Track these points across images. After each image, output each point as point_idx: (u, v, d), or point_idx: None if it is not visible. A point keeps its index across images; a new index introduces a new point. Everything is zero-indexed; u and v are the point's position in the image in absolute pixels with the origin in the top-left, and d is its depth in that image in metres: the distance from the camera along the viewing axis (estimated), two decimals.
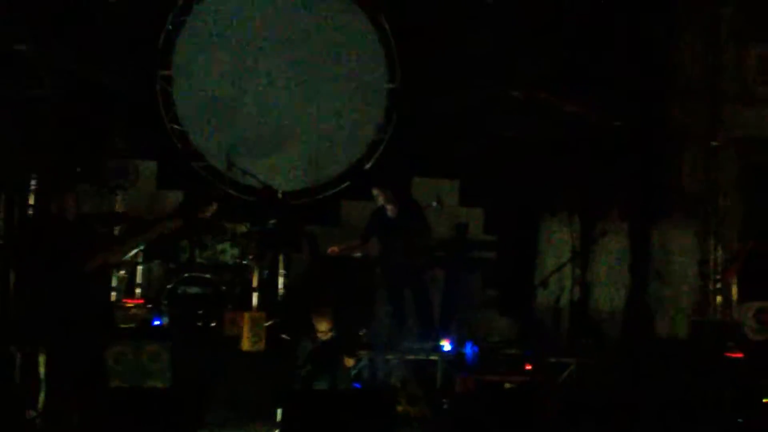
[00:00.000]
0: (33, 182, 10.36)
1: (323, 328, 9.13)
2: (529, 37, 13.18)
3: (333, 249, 10.94)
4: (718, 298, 11.98)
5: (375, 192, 11.08)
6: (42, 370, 8.88)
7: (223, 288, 10.61)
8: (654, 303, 11.64)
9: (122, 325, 10.01)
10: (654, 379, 9.36)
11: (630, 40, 13.32)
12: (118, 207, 11.31)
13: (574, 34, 13.26)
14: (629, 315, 11.66)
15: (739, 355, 9.62)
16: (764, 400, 9.06)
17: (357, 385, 10.01)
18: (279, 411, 7.99)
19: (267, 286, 11.04)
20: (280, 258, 11.11)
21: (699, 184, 12.70)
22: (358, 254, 11.29)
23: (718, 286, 12.02)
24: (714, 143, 12.52)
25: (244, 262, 10.90)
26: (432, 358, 10.15)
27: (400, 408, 9.38)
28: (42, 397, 8.60)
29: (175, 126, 12.87)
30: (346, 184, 13.35)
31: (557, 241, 11.70)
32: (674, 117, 13.36)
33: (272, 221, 11.13)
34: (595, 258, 11.58)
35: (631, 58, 13.32)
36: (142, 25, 12.54)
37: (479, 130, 12.96)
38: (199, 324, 10.39)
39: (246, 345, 9.83)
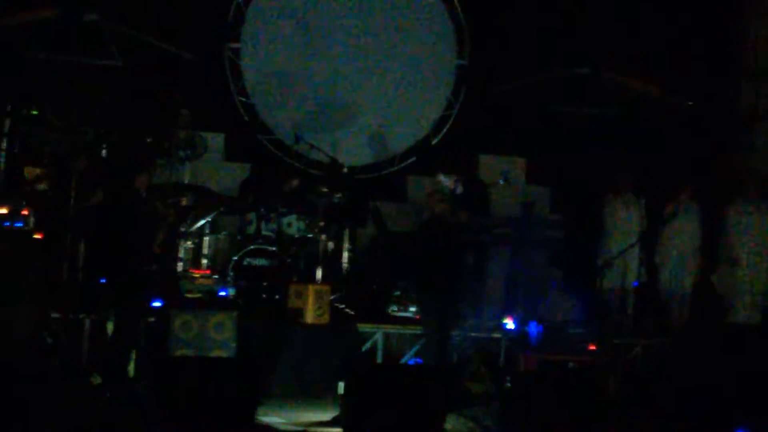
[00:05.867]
0: (104, 152, 10.49)
1: None
2: (597, 15, 13.05)
3: None
4: None
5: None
6: (110, 337, 9.05)
7: (289, 261, 10.66)
8: (725, 287, 11.45)
9: (188, 295, 10.10)
10: (721, 364, 9.23)
11: (702, 20, 13.14)
12: (186, 179, 11.41)
13: (642, 12, 13.12)
14: (698, 297, 11.49)
15: None
16: None
17: (420, 361, 10.03)
18: (341, 384, 8.00)
19: (332, 260, 11.07)
20: (345, 232, 11.13)
21: None
22: None
23: None
24: None
25: (310, 235, 10.92)
26: (495, 336, 10.13)
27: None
28: (109, 363, 8.76)
29: (243, 99, 12.91)
30: (412, 160, 13.32)
31: (623, 222, 11.55)
32: (746, 97, 13.18)
33: (338, 195, 11.16)
34: (665, 239, 11.43)
35: (703, 37, 13.15)
36: None
37: (547, 108, 12.87)
38: (264, 296, 10.46)
39: (310, 318, 9.88)
